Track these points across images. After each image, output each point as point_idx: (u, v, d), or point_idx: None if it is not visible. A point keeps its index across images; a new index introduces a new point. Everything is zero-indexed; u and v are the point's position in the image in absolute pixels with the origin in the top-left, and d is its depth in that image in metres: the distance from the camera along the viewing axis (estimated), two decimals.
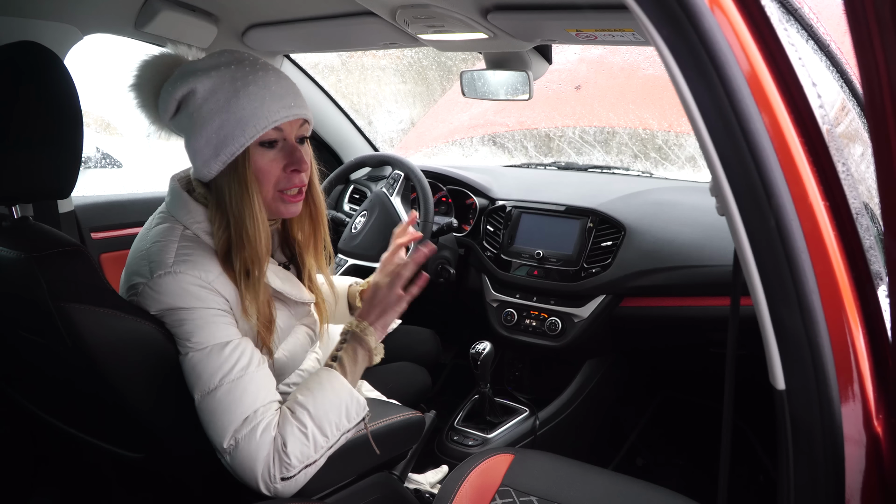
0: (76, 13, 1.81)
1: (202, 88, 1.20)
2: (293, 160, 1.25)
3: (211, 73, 1.20)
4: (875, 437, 0.76)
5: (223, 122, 1.19)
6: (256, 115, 1.19)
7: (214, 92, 1.20)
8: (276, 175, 1.25)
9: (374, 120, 4.86)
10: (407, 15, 1.66)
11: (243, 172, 1.22)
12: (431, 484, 1.89)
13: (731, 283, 0.89)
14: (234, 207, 1.23)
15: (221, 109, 1.19)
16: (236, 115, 1.19)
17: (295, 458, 1.17)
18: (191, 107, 1.21)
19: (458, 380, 2.78)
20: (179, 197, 1.28)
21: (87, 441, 1.36)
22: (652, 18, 0.73)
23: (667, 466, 2.45)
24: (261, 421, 1.17)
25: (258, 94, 1.20)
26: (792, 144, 0.74)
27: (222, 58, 1.23)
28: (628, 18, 1.49)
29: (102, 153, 5.02)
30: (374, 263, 2.31)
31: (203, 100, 1.20)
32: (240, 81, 1.20)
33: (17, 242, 1.16)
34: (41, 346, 1.23)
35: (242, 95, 1.19)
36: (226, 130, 1.19)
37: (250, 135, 1.19)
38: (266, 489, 1.16)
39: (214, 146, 1.20)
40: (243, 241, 1.23)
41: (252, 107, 1.19)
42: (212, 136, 1.20)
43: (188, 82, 1.20)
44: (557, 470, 1.44)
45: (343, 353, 1.33)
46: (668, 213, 2.16)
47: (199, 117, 1.20)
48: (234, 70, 1.21)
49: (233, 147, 1.20)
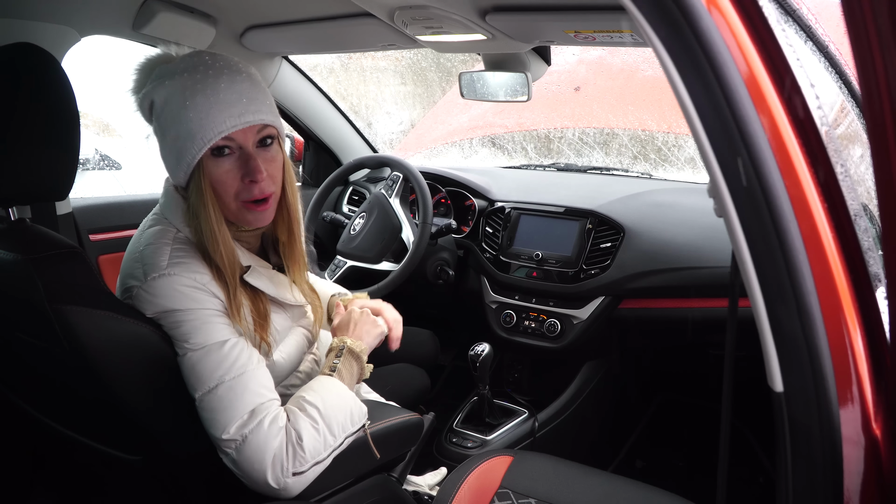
0: (73, 15, 1.81)
1: (158, 98, 1.20)
2: (248, 170, 1.22)
3: (165, 83, 1.19)
4: (873, 439, 0.76)
5: (177, 133, 1.18)
6: (203, 126, 1.17)
7: (167, 103, 1.19)
8: (234, 185, 1.23)
9: (373, 121, 4.87)
10: (405, 16, 1.66)
11: (199, 183, 1.21)
12: (430, 486, 1.89)
13: (729, 284, 0.89)
14: (197, 216, 1.22)
15: (174, 120, 1.18)
16: (186, 127, 1.17)
17: (309, 453, 1.18)
18: (155, 115, 1.22)
19: (457, 381, 2.78)
20: (172, 199, 1.28)
21: (85, 443, 1.36)
22: (649, 19, 0.72)
23: (666, 468, 2.45)
24: (267, 414, 1.17)
25: (204, 105, 1.17)
26: (790, 146, 0.74)
27: (181, 64, 1.21)
28: (626, 19, 1.48)
29: (101, 155, 5.02)
30: (373, 265, 2.32)
31: (160, 110, 1.20)
32: (188, 91, 1.17)
33: (15, 244, 1.16)
34: (38, 348, 1.23)
35: (190, 107, 1.17)
36: (180, 142, 1.19)
37: (199, 147, 1.18)
38: (275, 482, 1.16)
39: (175, 156, 1.21)
40: (208, 249, 1.22)
41: (198, 118, 1.17)
42: (171, 145, 1.21)
43: (149, 92, 1.21)
44: (556, 472, 1.44)
45: (341, 365, 1.35)
46: (667, 215, 2.16)
47: (160, 126, 1.22)
48: (186, 78, 1.18)
49: (187, 158, 1.19)
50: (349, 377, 1.36)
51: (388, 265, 2.31)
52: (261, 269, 1.33)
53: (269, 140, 1.26)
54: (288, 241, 1.39)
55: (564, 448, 2.20)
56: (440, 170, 2.69)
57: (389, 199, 2.37)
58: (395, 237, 2.32)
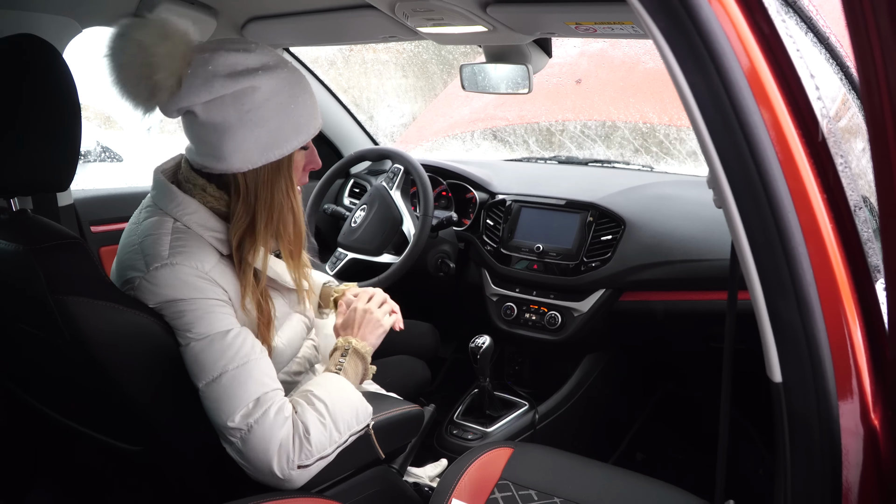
0: (75, 6, 1.81)
1: (266, 87, 1.21)
2: (313, 159, 1.37)
3: (272, 74, 1.22)
4: (872, 430, 0.76)
5: (280, 124, 1.23)
6: (309, 121, 1.28)
7: (276, 94, 1.22)
8: (300, 172, 1.35)
9: (374, 114, 4.86)
10: (406, 8, 1.66)
11: (288, 170, 1.29)
12: (430, 477, 1.89)
13: (729, 276, 0.89)
14: (274, 201, 1.28)
15: (280, 112, 1.23)
16: (294, 120, 1.25)
17: (315, 447, 1.19)
18: (249, 103, 1.20)
19: (458, 374, 2.78)
20: (167, 189, 1.28)
21: (86, 434, 1.36)
22: (649, 9, 0.72)
23: (666, 460, 2.45)
24: (272, 403, 1.18)
25: (310, 102, 1.28)
26: (790, 138, 0.74)
27: (270, 57, 1.24)
28: (627, 11, 1.48)
29: (103, 147, 5.02)
30: (374, 258, 2.32)
31: (264, 100, 1.21)
32: (297, 88, 1.26)
33: (16, 235, 1.16)
34: (39, 339, 1.23)
35: (300, 102, 1.26)
36: (282, 133, 1.24)
37: (303, 139, 1.28)
38: (281, 473, 1.16)
39: (265, 144, 1.23)
40: (280, 231, 1.31)
41: (307, 113, 1.27)
42: (265, 134, 1.22)
43: (250, 78, 1.19)
44: (556, 464, 1.44)
45: (347, 364, 1.38)
46: (668, 208, 2.16)
47: (256, 116, 1.20)
48: (289, 74, 1.25)
49: (285, 148, 1.25)
50: (354, 376, 1.38)
51: (388, 258, 2.31)
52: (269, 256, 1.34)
53: None
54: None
55: (565, 440, 2.20)
56: (441, 162, 2.69)
57: (390, 192, 2.37)
58: (395, 230, 2.32)
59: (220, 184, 1.28)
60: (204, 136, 1.23)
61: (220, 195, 1.28)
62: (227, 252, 1.27)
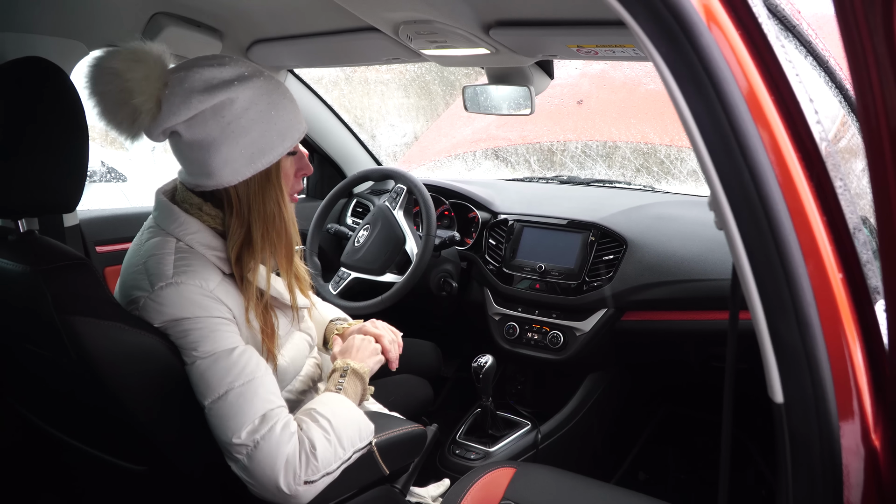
0: (82, 29, 1.83)
1: (243, 98, 1.22)
2: (303, 165, 1.37)
3: (248, 84, 1.23)
4: (873, 450, 0.77)
5: (264, 131, 1.24)
6: (292, 126, 1.28)
7: (255, 103, 1.23)
8: (291, 179, 1.35)
9: (377, 134, 4.88)
10: (409, 31, 1.68)
11: (276, 178, 1.29)
12: (433, 497, 1.89)
13: (730, 296, 0.90)
14: (266, 210, 1.29)
15: (260, 120, 1.23)
16: (277, 126, 1.26)
17: (322, 462, 1.19)
18: (228, 115, 1.21)
19: (460, 393, 2.78)
20: (169, 210, 1.29)
21: (91, 453, 1.36)
22: (649, 35, 0.74)
23: (669, 480, 2.45)
24: (278, 420, 1.18)
25: (291, 108, 1.29)
26: (789, 160, 0.75)
27: (245, 68, 1.25)
28: (629, 34, 1.49)
29: (108, 167, 5.04)
30: (377, 277, 2.32)
31: (243, 110, 1.22)
32: (275, 94, 1.27)
33: (23, 256, 1.17)
34: (46, 358, 1.24)
35: (280, 107, 1.26)
36: (266, 140, 1.24)
37: (288, 144, 1.28)
38: (287, 489, 1.16)
39: (251, 154, 1.23)
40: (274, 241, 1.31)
41: (289, 118, 1.28)
42: (250, 144, 1.23)
43: (225, 91, 1.20)
44: (559, 484, 1.44)
45: (346, 384, 1.39)
46: (669, 227, 2.17)
47: (237, 126, 1.22)
48: (266, 82, 1.26)
49: (271, 156, 1.26)
50: (354, 396, 1.39)
51: (391, 277, 2.32)
52: (263, 273, 1.34)
53: None
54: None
55: (567, 460, 2.20)
56: (444, 182, 2.71)
57: (393, 211, 2.38)
58: (398, 249, 2.33)
59: (214, 202, 1.30)
60: (191, 155, 1.25)
61: (216, 213, 1.30)
62: (230, 271, 1.28)
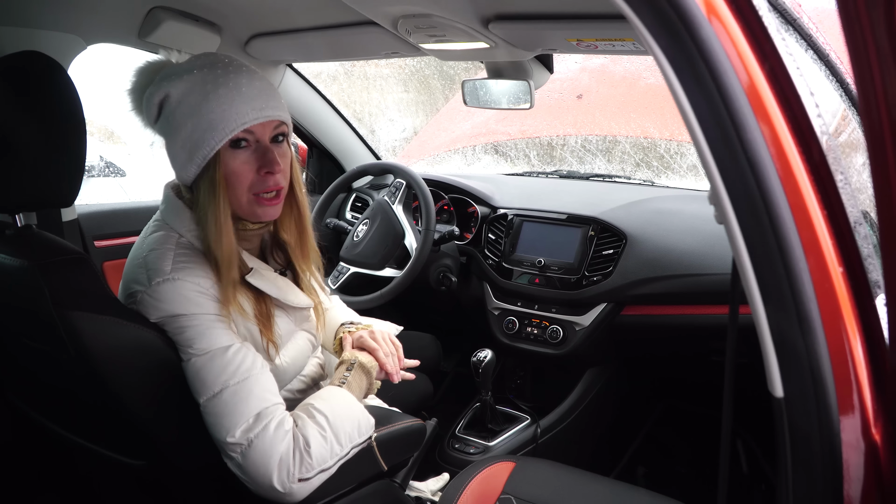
0: (80, 23, 1.83)
1: (175, 92, 1.21)
2: (265, 161, 1.25)
3: (184, 77, 1.21)
4: (873, 445, 0.77)
5: (195, 125, 1.20)
6: (225, 117, 1.20)
7: (187, 95, 1.21)
8: (249, 177, 1.25)
9: (376, 128, 4.87)
10: (408, 25, 1.67)
11: (214, 175, 1.23)
12: (433, 492, 1.89)
13: (730, 291, 0.89)
14: (202, 209, 1.24)
15: (193, 113, 1.20)
16: (206, 119, 1.19)
17: (316, 460, 1.19)
18: (167, 111, 1.23)
19: (460, 388, 2.78)
20: (173, 204, 1.29)
21: (90, 448, 1.36)
22: (649, 28, 0.73)
23: (668, 475, 2.45)
24: (272, 418, 1.18)
25: (227, 97, 1.20)
26: (790, 154, 0.74)
27: (197, 61, 1.25)
28: (628, 28, 1.49)
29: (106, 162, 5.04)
30: (376, 272, 2.32)
31: (177, 103, 1.22)
32: (210, 84, 1.20)
33: (21, 250, 1.16)
34: (43, 353, 1.23)
35: (212, 98, 1.19)
36: (197, 134, 1.20)
37: (219, 137, 1.20)
38: (281, 486, 1.16)
39: (188, 150, 1.22)
40: (210, 244, 1.23)
41: (221, 109, 1.19)
42: (185, 139, 1.21)
43: (163, 87, 1.22)
44: (559, 478, 1.44)
45: (352, 377, 1.39)
46: (669, 222, 2.17)
47: (175, 121, 1.22)
48: (206, 73, 1.21)
49: (204, 150, 1.21)
50: (358, 390, 1.39)
51: (391, 272, 2.31)
52: (263, 272, 1.34)
53: (281, 137, 1.30)
54: (300, 238, 1.44)
55: (567, 454, 2.20)
56: (443, 177, 2.71)
57: (392, 206, 2.38)
58: (398, 244, 2.33)
59: None
60: (167, 154, 1.28)
61: None
62: None
